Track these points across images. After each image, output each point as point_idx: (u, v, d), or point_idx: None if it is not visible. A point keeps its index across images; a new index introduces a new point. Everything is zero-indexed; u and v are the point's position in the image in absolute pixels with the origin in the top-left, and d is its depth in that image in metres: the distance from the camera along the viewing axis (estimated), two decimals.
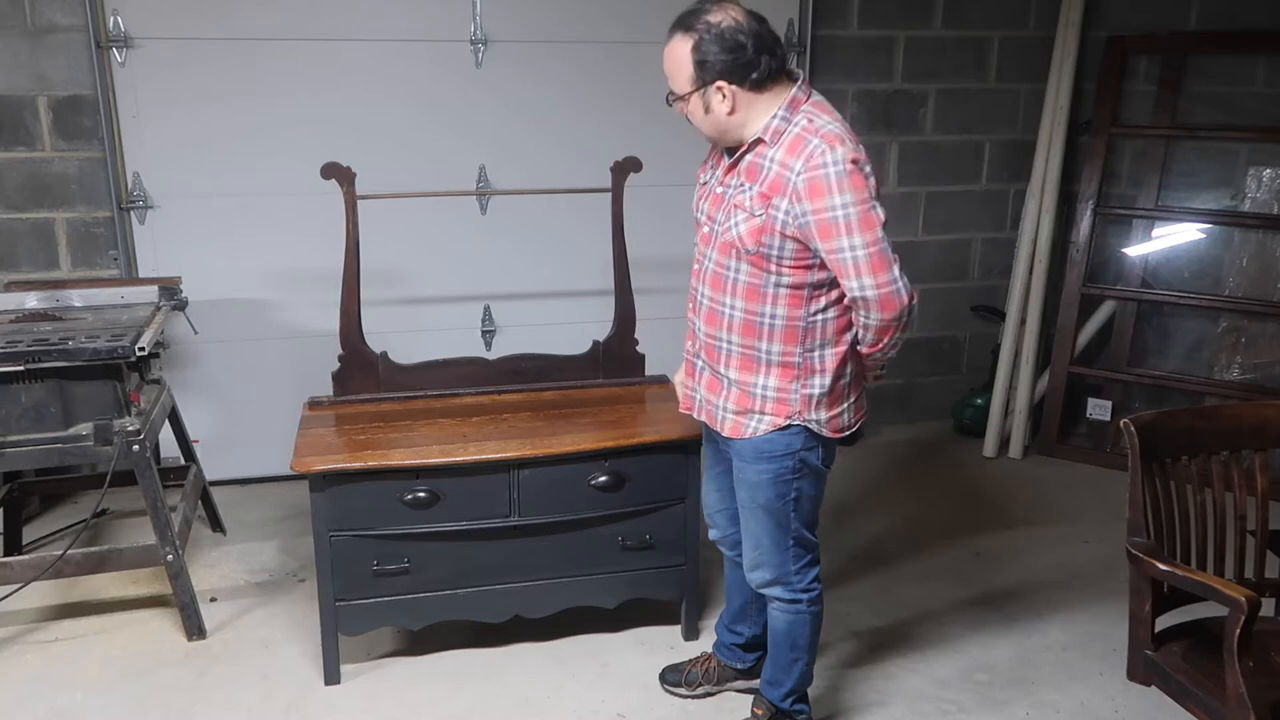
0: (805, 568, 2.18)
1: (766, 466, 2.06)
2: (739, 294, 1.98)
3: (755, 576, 2.20)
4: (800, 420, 2.02)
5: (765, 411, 2.02)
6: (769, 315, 1.97)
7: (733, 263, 1.97)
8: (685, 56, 1.87)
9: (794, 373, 2.00)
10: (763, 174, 1.91)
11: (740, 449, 2.08)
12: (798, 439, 2.04)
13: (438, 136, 3.61)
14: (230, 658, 2.67)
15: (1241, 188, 4.00)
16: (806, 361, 2.00)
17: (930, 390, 4.52)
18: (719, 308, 2.02)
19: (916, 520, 3.54)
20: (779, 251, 1.91)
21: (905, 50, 4.05)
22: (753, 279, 1.96)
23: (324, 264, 2.98)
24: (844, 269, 1.87)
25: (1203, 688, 1.91)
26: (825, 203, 1.83)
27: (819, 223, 1.84)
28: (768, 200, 1.89)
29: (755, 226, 1.91)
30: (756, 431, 2.04)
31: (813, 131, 1.86)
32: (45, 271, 3.48)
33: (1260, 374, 3.99)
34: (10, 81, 3.31)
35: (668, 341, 2.95)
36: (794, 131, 1.88)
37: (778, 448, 2.04)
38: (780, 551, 2.13)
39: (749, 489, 2.11)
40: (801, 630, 2.21)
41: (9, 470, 2.93)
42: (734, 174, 1.98)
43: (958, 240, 4.36)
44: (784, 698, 2.29)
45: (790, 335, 1.97)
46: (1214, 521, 2.11)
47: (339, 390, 2.74)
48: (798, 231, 1.88)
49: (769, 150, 1.91)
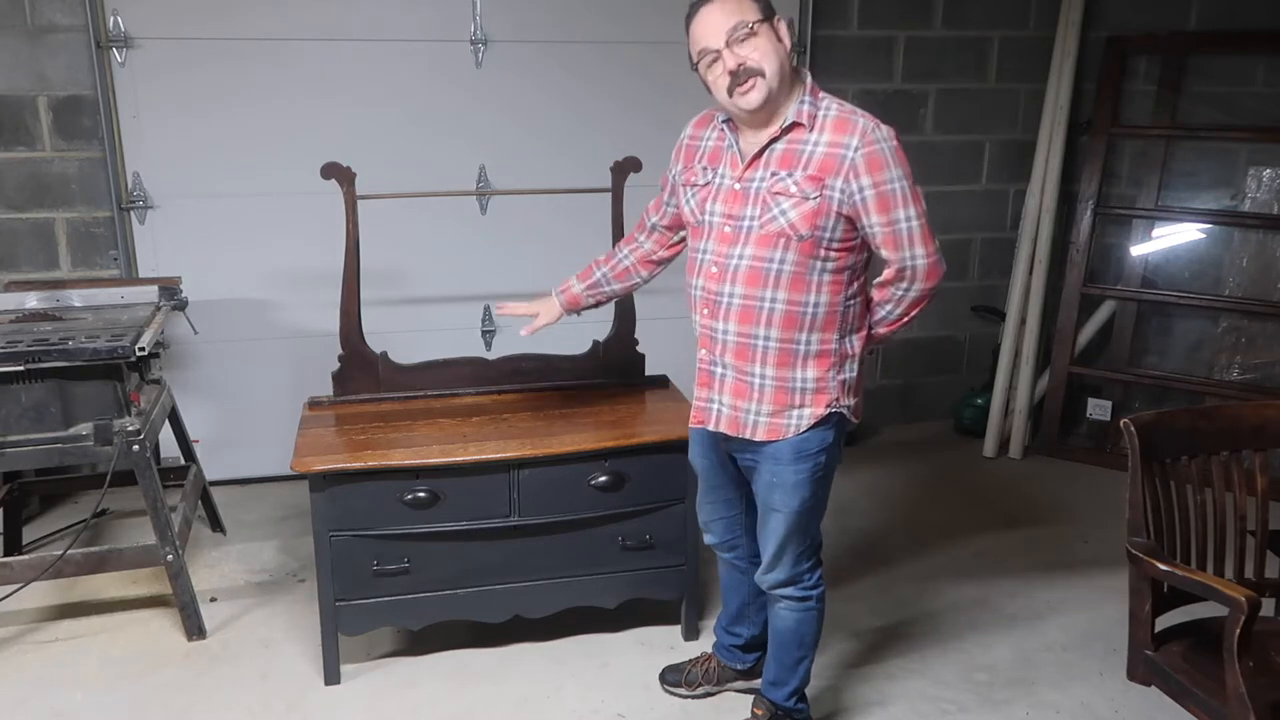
0: (814, 566, 2.19)
1: (805, 465, 2.04)
2: (783, 285, 1.95)
3: (769, 578, 2.19)
4: (839, 407, 2.03)
5: (805, 405, 2.01)
6: (812, 304, 1.96)
7: (778, 254, 1.93)
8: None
9: (830, 360, 2.00)
10: (803, 158, 1.90)
11: (777, 451, 2.05)
12: (830, 432, 2.04)
13: (438, 137, 3.61)
14: (230, 658, 2.67)
15: (1241, 188, 4.00)
16: (842, 347, 2.02)
17: (930, 390, 4.52)
18: (756, 303, 1.97)
19: (916, 520, 3.54)
20: (831, 233, 1.92)
21: (905, 50, 4.05)
22: (799, 268, 1.94)
23: (324, 264, 2.98)
24: (898, 240, 1.91)
25: (1203, 688, 1.91)
26: (884, 175, 1.87)
27: (878, 195, 1.88)
28: (820, 182, 1.88)
29: (810, 210, 1.89)
30: (799, 429, 2.02)
31: (852, 112, 1.91)
32: (45, 271, 3.49)
33: (1260, 374, 3.99)
34: (10, 81, 3.31)
35: (668, 341, 2.95)
36: (830, 115, 1.91)
37: (813, 445, 2.04)
38: (798, 552, 2.14)
39: (784, 492, 2.07)
40: (809, 627, 2.22)
41: (9, 470, 2.93)
42: (758, 166, 1.95)
43: (958, 240, 4.35)
44: (788, 696, 2.29)
45: (829, 322, 1.98)
46: (1214, 521, 2.11)
47: (339, 390, 2.74)
48: (850, 210, 1.90)
49: (808, 135, 1.91)
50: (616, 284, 2.38)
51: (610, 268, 2.37)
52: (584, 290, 2.39)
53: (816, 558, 2.20)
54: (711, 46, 1.88)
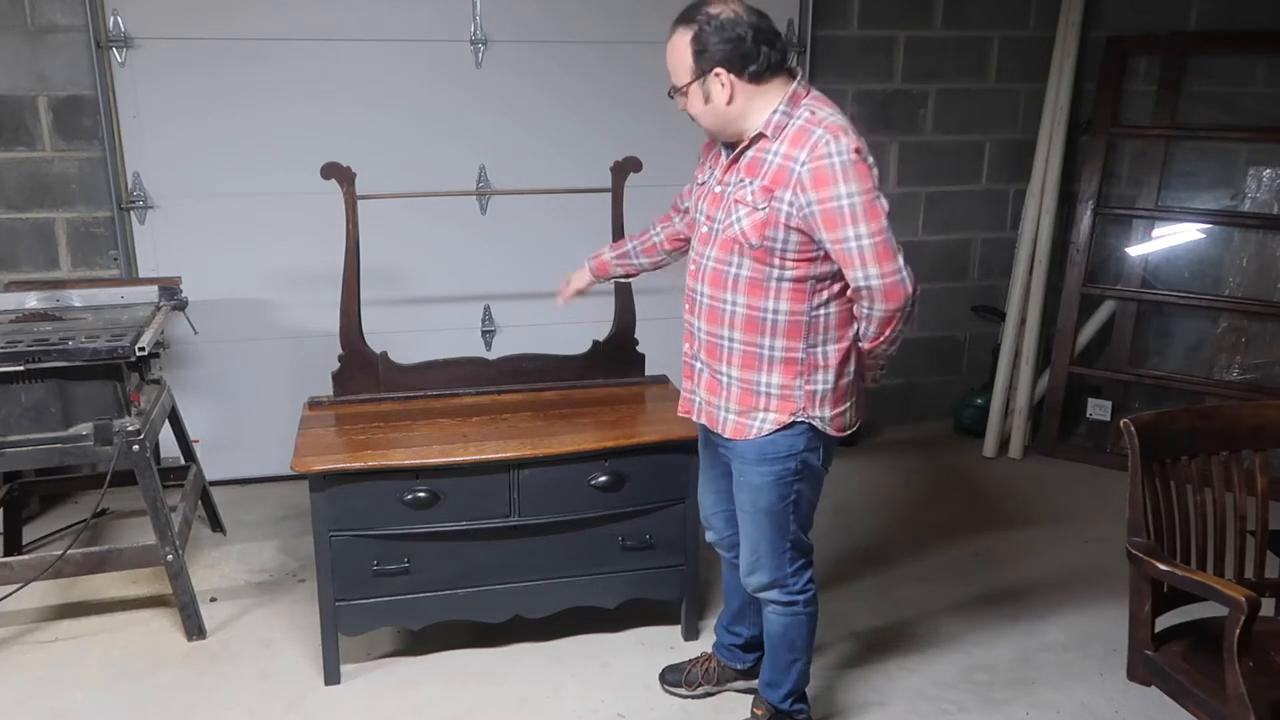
0: (800, 570, 2.18)
1: (769, 468, 2.05)
2: (740, 289, 1.97)
3: (752, 581, 2.20)
4: (804, 417, 2.01)
5: (769, 409, 2.01)
6: (771, 310, 1.96)
7: (734, 258, 1.97)
8: (685, 47, 1.90)
9: (797, 369, 1.99)
10: (764, 168, 1.91)
11: (742, 451, 2.07)
12: (800, 440, 2.03)
13: (438, 137, 3.61)
14: (230, 658, 2.67)
15: (1241, 188, 4.00)
16: (810, 357, 1.99)
17: (930, 390, 4.52)
18: (720, 305, 2.01)
19: (916, 520, 3.54)
20: (782, 245, 1.91)
21: (905, 50, 4.05)
22: (755, 274, 1.95)
23: (324, 264, 2.98)
24: (849, 259, 1.87)
25: (1203, 688, 1.91)
26: (831, 192, 1.83)
27: (824, 212, 1.85)
28: (770, 193, 1.90)
29: (759, 220, 1.91)
30: (761, 432, 2.03)
31: (816, 123, 1.88)
32: (45, 271, 3.48)
33: (1260, 374, 3.99)
34: (10, 81, 3.31)
35: (668, 341, 2.94)
36: (796, 124, 1.89)
37: (780, 449, 2.03)
38: (777, 555, 2.13)
39: (750, 492, 2.09)
40: (798, 632, 2.22)
41: (9, 470, 2.93)
42: (733, 171, 1.99)
43: (958, 240, 4.36)
44: (784, 698, 2.29)
45: (793, 330, 1.97)
46: (1214, 521, 2.11)
47: (339, 390, 2.74)
48: (801, 223, 1.88)
49: (771, 144, 1.91)
50: (644, 258, 2.43)
51: (641, 241, 2.43)
52: (613, 258, 2.45)
53: (804, 562, 2.18)
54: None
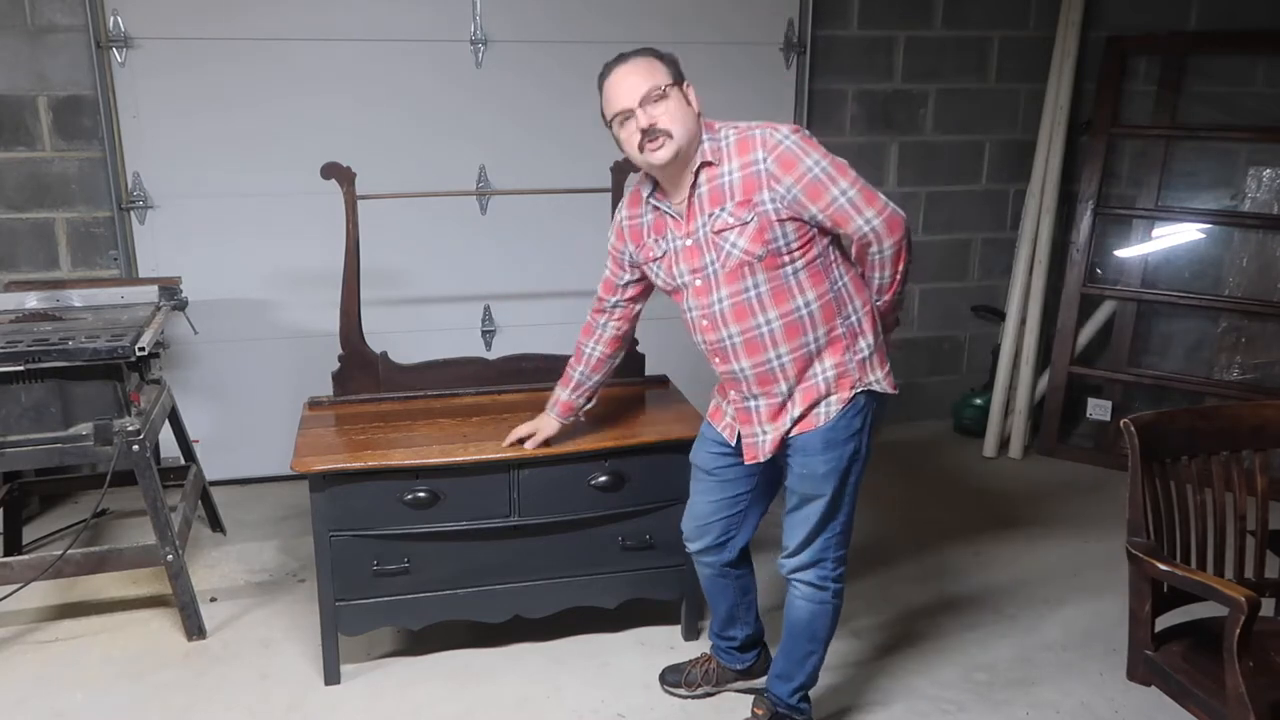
0: (840, 559, 2.20)
1: (833, 454, 2.08)
2: (769, 305, 2.01)
3: (792, 562, 2.20)
4: (863, 386, 2.06)
5: (831, 392, 2.06)
6: (803, 305, 2.01)
7: (748, 281, 2.00)
8: (655, 62, 1.98)
9: (843, 344, 2.05)
10: (727, 189, 1.98)
11: (806, 443, 2.08)
12: (858, 420, 2.07)
13: (438, 137, 3.61)
14: (230, 658, 2.67)
15: (1241, 188, 4.00)
16: (849, 328, 2.06)
17: (930, 390, 4.52)
18: (756, 333, 2.03)
19: (916, 520, 3.54)
20: (784, 240, 1.97)
21: (905, 50, 4.05)
22: (774, 282, 2.00)
23: (324, 264, 2.98)
24: (844, 214, 1.95)
25: (1203, 688, 1.91)
26: (801, 169, 1.93)
27: (805, 187, 1.93)
28: (749, 203, 1.96)
29: (753, 231, 1.96)
30: (829, 416, 2.06)
31: (747, 130, 1.98)
32: (45, 271, 3.49)
33: (1260, 374, 3.99)
34: (10, 81, 3.31)
35: (668, 341, 2.95)
36: (730, 142, 1.99)
37: (840, 434, 2.07)
38: (827, 538, 2.15)
39: (815, 482, 2.10)
40: (822, 622, 2.22)
41: (9, 470, 2.93)
42: (695, 216, 2.02)
43: (958, 240, 4.36)
44: (793, 693, 2.28)
45: (827, 312, 2.03)
46: (1214, 521, 2.11)
47: (339, 390, 2.74)
48: (790, 210, 1.95)
49: (720, 168, 1.99)
50: (596, 376, 2.43)
51: (585, 365, 2.42)
52: (571, 394, 2.45)
53: (843, 552, 2.20)
54: (626, 107, 1.96)
